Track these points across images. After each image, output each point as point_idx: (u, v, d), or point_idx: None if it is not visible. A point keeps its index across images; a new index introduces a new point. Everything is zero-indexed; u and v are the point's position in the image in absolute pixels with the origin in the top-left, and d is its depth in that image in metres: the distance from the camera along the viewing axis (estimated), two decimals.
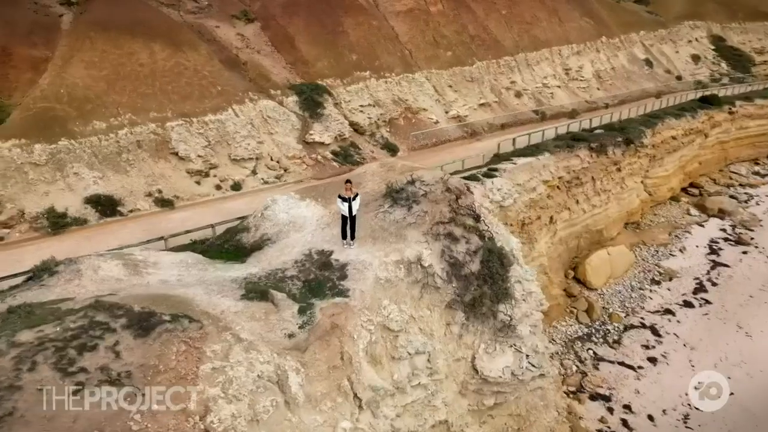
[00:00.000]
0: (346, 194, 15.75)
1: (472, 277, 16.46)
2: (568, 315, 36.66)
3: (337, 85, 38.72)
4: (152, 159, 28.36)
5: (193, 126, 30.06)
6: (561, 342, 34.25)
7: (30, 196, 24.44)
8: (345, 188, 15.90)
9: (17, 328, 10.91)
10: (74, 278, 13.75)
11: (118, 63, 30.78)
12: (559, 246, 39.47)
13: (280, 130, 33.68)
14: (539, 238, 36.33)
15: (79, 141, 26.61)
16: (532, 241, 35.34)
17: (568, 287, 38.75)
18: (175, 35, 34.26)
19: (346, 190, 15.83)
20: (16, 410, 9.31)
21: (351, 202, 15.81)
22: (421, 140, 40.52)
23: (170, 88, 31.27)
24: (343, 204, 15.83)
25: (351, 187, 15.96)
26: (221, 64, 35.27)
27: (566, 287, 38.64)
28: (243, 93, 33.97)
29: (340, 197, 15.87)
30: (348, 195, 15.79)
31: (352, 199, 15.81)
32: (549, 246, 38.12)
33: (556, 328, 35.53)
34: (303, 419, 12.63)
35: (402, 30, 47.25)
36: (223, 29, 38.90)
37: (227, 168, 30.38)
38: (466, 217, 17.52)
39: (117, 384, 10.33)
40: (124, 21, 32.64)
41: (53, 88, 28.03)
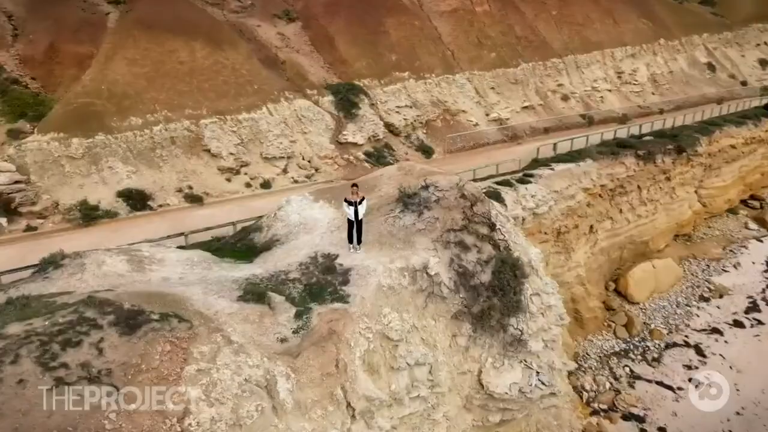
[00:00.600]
0: (352, 198, 15.42)
1: (481, 288, 15.78)
2: (605, 329, 35.12)
3: (374, 86, 38.46)
4: (185, 155, 28.89)
5: (226, 124, 30.45)
6: (595, 357, 32.82)
7: (65, 188, 25.31)
8: (351, 192, 15.57)
9: (8, 320, 11.10)
10: (77, 272, 13.97)
11: (158, 60, 31.53)
12: (599, 256, 37.87)
13: (313, 130, 33.70)
14: (577, 247, 34.94)
15: (115, 136, 27.38)
16: (569, 251, 34.03)
17: (607, 300, 37.14)
18: (216, 34, 34.82)
19: (353, 193, 15.50)
20: None
21: (357, 206, 15.46)
22: (458, 143, 39.72)
23: (207, 85, 31.80)
24: (348, 208, 15.50)
25: (357, 190, 15.62)
26: (260, 63, 35.62)
27: (605, 300, 37.04)
28: (279, 92, 34.18)
29: (346, 201, 15.55)
30: (354, 199, 15.45)
31: (358, 203, 15.46)
32: (588, 256, 36.63)
33: (592, 342, 34.10)
34: (290, 426, 12.33)
35: (445, 30, 46.52)
36: (264, 28, 39.32)
37: (258, 166, 30.61)
38: (480, 226, 16.82)
39: (96, 382, 10.31)
40: (167, 19, 33.42)
41: (95, 84, 28.96)
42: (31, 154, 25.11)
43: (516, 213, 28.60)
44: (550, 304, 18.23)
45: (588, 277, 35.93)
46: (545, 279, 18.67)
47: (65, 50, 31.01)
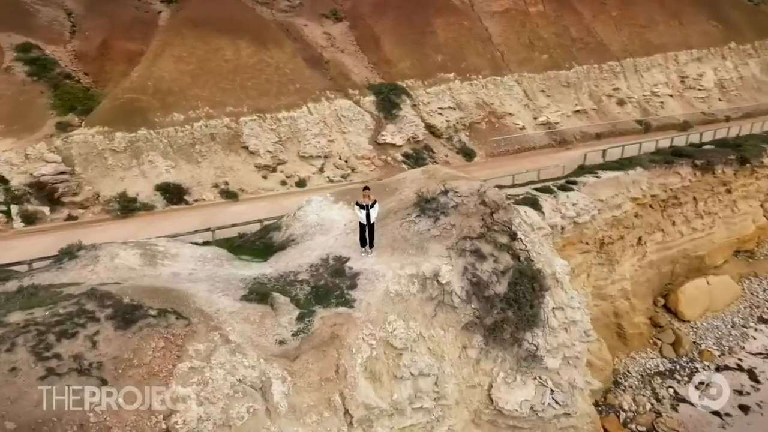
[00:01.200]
0: (364, 201, 15.14)
1: (496, 299, 15.10)
2: (650, 346, 33.39)
3: (417, 87, 38.00)
4: (223, 152, 29.40)
5: (266, 122, 30.78)
6: (637, 375, 31.23)
7: (107, 180, 26.24)
8: (363, 195, 15.30)
9: (12, 309, 11.43)
10: (90, 264, 14.30)
11: (204, 58, 32.24)
12: (648, 270, 36.02)
13: (352, 130, 33.61)
14: (622, 259, 33.35)
15: (157, 131, 28.17)
16: (613, 263, 32.52)
17: (655, 316, 35.31)
18: (262, 33, 35.29)
19: (364, 197, 15.23)
20: None
21: (369, 209, 15.16)
22: (502, 146, 38.70)
23: (250, 84, 32.25)
24: (360, 211, 15.23)
25: (369, 194, 15.34)
26: (304, 62, 35.85)
27: (653, 316, 35.24)
28: (320, 91, 34.29)
29: (357, 204, 15.28)
30: (366, 202, 15.17)
31: (370, 207, 15.16)
32: (635, 269, 34.91)
33: (634, 360, 32.53)
34: (283, 430, 12.11)
35: (496, 31, 45.47)
36: (311, 28, 39.59)
37: (295, 164, 30.78)
38: (500, 234, 16.12)
39: (85, 374, 10.43)
40: (215, 18, 34.12)
41: (141, 80, 29.91)
42: (77, 147, 26.19)
43: (554, 221, 27.51)
44: (575, 319, 17.28)
45: (634, 291, 34.25)
46: (571, 292, 17.72)
47: (117, 47, 32.22)
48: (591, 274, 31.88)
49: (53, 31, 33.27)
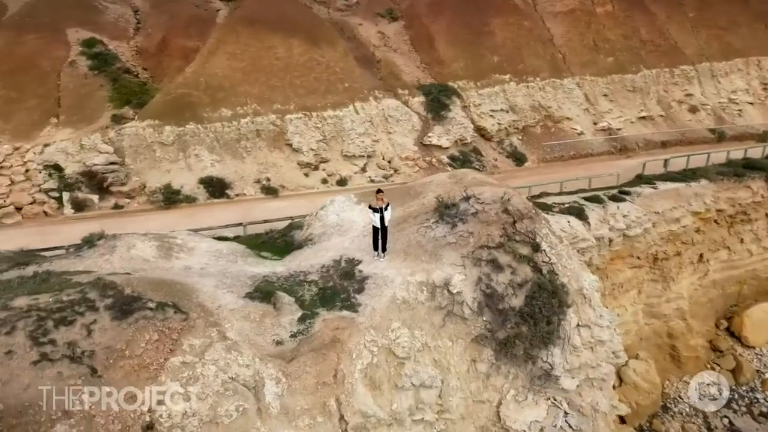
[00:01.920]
0: (377, 204, 14.78)
1: (510, 313, 14.32)
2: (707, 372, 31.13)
3: (468, 88, 37.14)
4: (268, 148, 29.81)
5: (311, 120, 30.97)
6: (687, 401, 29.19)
7: (154, 172, 27.20)
8: (376, 198, 14.95)
9: (20, 293, 11.89)
10: (107, 253, 14.72)
11: (257, 56, 32.84)
12: (710, 290, 33.62)
13: (398, 130, 33.26)
14: (679, 277, 31.26)
15: (205, 126, 28.93)
16: (668, 280, 30.55)
17: (715, 339, 32.96)
18: (316, 32, 35.56)
19: (378, 200, 14.87)
20: None
21: (383, 212, 14.80)
22: (557, 151, 37.18)
23: (299, 82, 32.56)
24: (374, 215, 14.89)
25: (383, 197, 14.99)
26: (355, 61, 35.85)
27: (713, 339, 32.88)
28: (369, 91, 34.16)
29: (370, 207, 14.95)
30: (379, 205, 14.82)
31: (384, 210, 14.79)
32: (695, 288, 32.68)
33: (687, 384, 30.41)
34: (273, 431, 12.01)
35: (558, 32, 43.79)
36: (365, 27, 39.56)
37: (337, 163, 30.80)
38: (521, 245, 15.29)
39: (76, 361, 10.66)
40: (271, 16, 34.69)
41: (195, 76, 30.82)
42: (128, 139, 27.31)
43: (601, 233, 26.10)
44: (602, 338, 16.20)
45: (692, 312, 32.07)
46: (600, 310, 16.62)
47: (175, 44, 33.39)
48: (642, 291, 30.08)
49: (119, 27, 34.94)
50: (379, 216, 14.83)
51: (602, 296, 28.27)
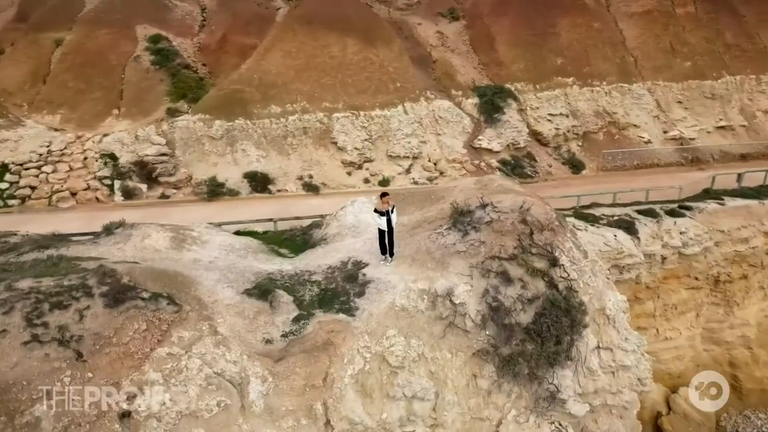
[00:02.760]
0: (383, 208, 14.44)
1: (516, 329, 13.51)
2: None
3: (527, 90, 35.79)
4: (313, 146, 30.06)
5: (358, 119, 30.92)
6: None
7: (201, 164, 28.10)
8: (381, 202, 14.64)
9: (27, 275, 12.48)
10: (121, 242, 15.22)
11: (311, 54, 33.19)
12: None
13: (448, 132, 32.58)
14: (746, 302, 28.70)
15: (254, 122, 29.57)
16: (731, 305, 28.14)
17: None
18: (372, 31, 35.47)
19: (383, 203, 14.54)
20: None
21: (389, 215, 14.43)
22: (618, 160, 35.09)
23: (350, 80, 32.61)
24: (380, 218, 14.54)
25: (388, 200, 14.66)
26: (410, 61, 35.48)
27: None
28: (421, 91, 33.68)
29: (376, 211, 14.61)
30: (384, 208, 14.49)
31: (390, 212, 14.43)
32: (765, 315, 29.85)
33: (748, 419, 28.24)
34: (256, 430, 11.93)
35: (631, 34, 41.36)
36: (424, 26, 39.07)
37: (381, 163, 30.56)
38: (536, 258, 14.39)
39: (64, 345, 11.02)
40: (328, 15, 34.94)
41: (249, 73, 31.59)
42: (179, 131, 28.38)
43: (652, 249, 24.37)
44: (626, 363, 15.03)
45: (760, 340, 29.43)
46: (625, 333, 15.40)
47: (234, 41, 34.38)
48: (701, 314, 27.85)
49: (185, 24, 36.45)
50: (385, 219, 14.47)
51: (652, 317, 26.59)
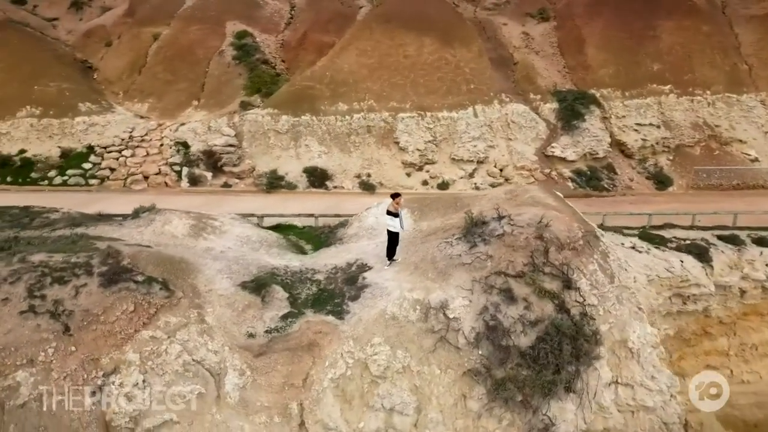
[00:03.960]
0: (394, 209, 14.24)
1: (513, 352, 12.44)
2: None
3: (613, 97, 33.21)
4: (376, 145, 29.93)
5: (423, 120, 30.36)
6: None
7: (265, 157, 28.99)
8: (394, 203, 14.35)
9: (42, 250, 13.45)
10: (143, 226, 15.97)
11: (386, 53, 33.09)
12: None
13: (520, 137, 31.06)
14: None
15: (320, 118, 30.01)
16: None
17: None
18: (452, 31, 34.66)
19: (394, 204, 14.26)
20: None
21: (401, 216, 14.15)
22: (715, 178, 31.53)
23: (421, 81, 32.11)
24: (393, 220, 14.32)
25: (400, 201, 14.46)
26: (489, 62, 34.27)
27: None
28: (495, 93, 32.40)
29: (389, 213, 14.40)
30: (396, 210, 14.19)
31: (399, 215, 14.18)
32: None
33: None
34: (227, 421, 11.99)
35: (748, 39, 37.04)
36: (510, 27, 37.55)
37: (443, 166, 29.76)
38: (548, 278, 13.17)
39: (55, 317, 11.75)
40: (408, 14, 34.61)
41: (322, 71, 32.12)
42: (248, 124, 29.48)
43: (728, 280, 21.65)
44: (648, 404, 13.39)
45: None
46: (653, 370, 13.70)
47: (313, 38, 35.12)
48: None
49: (272, 21, 37.83)
50: (398, 221, 14.13)
51: (726, 356, 23.61)
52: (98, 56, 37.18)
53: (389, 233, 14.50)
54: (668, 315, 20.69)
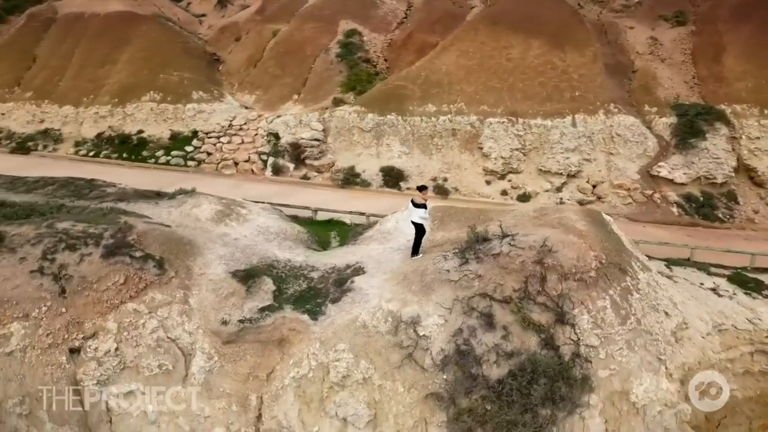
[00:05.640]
0: (420, 200, 13.90)
1: (480, 383, 11.14)
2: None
3: (748, 115, 28.47)
4: (459, 149, 28.86)
5: (514, 126, 28.60)
6: None
7: (346, 153, 29.37)
8: (421, 195, 14.09)
9: (70, 219, 14.87)
10: (174, 207, 16.91)
11: (488, 55, 31.78)
12: None
13: (623, 152, 27.97)
14: None
15: (405, 118, 29.66)
16: None
17: None
18: (565, 33, 32.26)
19: (422, 195, 14.03)
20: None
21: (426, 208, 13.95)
22: None
23: (520, 85, 30.32)
24: (417, 209, 13.91)
25: (427, 192, 14.44)
26: (603, 68, 31.31)
27: None
28: (602, 103, 29.50)
29: (413, 203, 14.00)
30: (422, 201, 13.90)
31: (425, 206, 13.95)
32: None
33: None
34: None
35: None
36: (636, 31, 33.97)
37: (528, 177, 27.79)
38: (539, 308, 11.57)
39: (56, 279, 12.98)
40: (519, 15, 32.91)
41: (417, 71, 31.73)
42: (335, 120, 30.07)
43: None
44: None
45: None
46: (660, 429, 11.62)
47: (416, 38, 34.77)
48: None
49: (385, 21, 38.20)
50: (421, 211, 13.87)
51: None
52: (227, 50, 40.47)
53: (415, 226, 14.00)
54: (747, 374, 17.28)
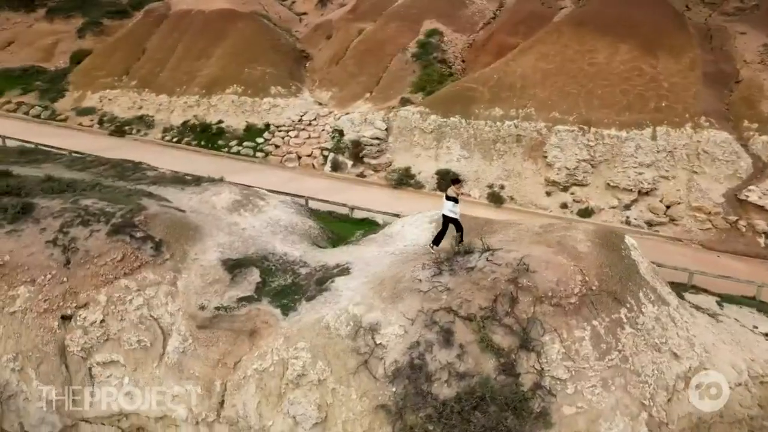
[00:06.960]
0: (452, 193, 13.25)
1: (428, 400, 10.45)
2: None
3: None
4: (522, 156, 27.33)
5: (584, 136, 26.53)
6: None
7: (405, 154, 28.94)
8: (455, 188, 13.42)
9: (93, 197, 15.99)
10: (196, 193, 17.53)
11: (569, 59, 29.85)
12: None
13: (709, 172, 24.94)
14: None
15: (468, 121, 28.62)
16: None
17: None
18: (659, 37, 29.45)
19: (456, 190, 13.37)
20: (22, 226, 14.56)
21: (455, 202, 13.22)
22: None
23: (600, 92, 28.11)
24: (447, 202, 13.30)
25: (461, 187, 14.70)
26: (700, 77, 28.18)
27: None
28: (692, 115, 26.50)
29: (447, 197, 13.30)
30: (456, 195, 13.28)
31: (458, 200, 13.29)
32: None
33: None
34: (163, 378, 13.00)
35: None
36: (748, 37, 30.13)
37: (594, 191, 25.63)
38: (503, 330, 10.54)
39: (64, 251, 14.07)
40: (609, 17, 30.57)
41: (490, 73, 30.52)
42: (399, 120, 29.71)
43: None
44: None
45: None
46: None
47: (496, 40, 33.43)
48: None
49: (471, 21, 37.19)
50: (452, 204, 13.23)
51: None
52: (317, 47, 41.59)
53: (444, 218, 13.45)
54: None
